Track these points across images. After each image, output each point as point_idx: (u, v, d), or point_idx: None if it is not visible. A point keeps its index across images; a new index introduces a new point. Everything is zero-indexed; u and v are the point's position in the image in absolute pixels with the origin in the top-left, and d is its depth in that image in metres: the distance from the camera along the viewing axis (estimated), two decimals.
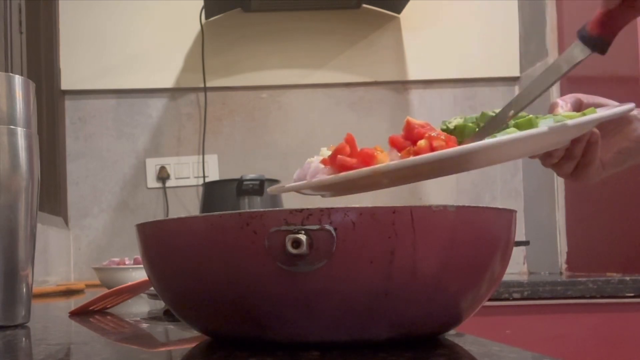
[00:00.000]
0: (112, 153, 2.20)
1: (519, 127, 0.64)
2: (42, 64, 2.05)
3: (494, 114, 0.67)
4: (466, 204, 0.50)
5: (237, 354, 0.46)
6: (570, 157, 0.76)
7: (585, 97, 0.76)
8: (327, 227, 0.44)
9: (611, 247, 1.81)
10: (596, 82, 1.83)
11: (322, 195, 0.75)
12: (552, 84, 0.67)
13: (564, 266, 2.01)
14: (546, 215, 2.07)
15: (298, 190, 0.70)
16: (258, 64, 2.23)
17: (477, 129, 0.66)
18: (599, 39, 0.65)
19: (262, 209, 0.45)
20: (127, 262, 1.56)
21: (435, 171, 0.65)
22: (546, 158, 0.77)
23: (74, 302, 1.21)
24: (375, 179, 0.61)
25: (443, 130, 0.67)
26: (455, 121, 0.68)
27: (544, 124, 0.63)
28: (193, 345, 0.55)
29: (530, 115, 0.65)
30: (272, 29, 2.23)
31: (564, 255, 2.01)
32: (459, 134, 0.66)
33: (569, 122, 0.63)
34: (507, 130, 0.63)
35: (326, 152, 0.68)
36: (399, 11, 2.22)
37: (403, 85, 2.26)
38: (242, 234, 0.45)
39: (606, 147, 0.78)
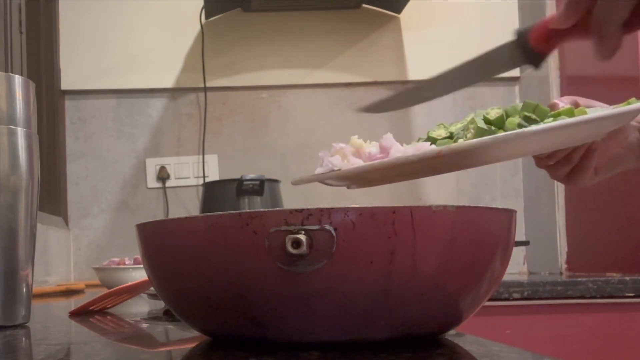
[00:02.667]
0: (112, 153, 2.20)
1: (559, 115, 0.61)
2: (42, 64, 2.05)
3: (536, 104, 0.64)
4: (466, 204, 0.50)
5: (237, 354, 0.46)
6: (568, 161, 0.76)
7: (582, 100, 0.75)
8: (327, 227, 0.44)
9: (611, 247, 1.81)
10: (596, 82, 1.83)
11: (348, 187, 0.73)
12: (474, 84, 0.63)
13: (564, 266, 2.01)
14: (546, 215, 2.07)
15: (322, 180, 0.67)
16: (258, 64, 2.23)
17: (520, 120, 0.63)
18: (538, 54, 0.60)
19: (262, 209, 0.45)
20: (127, 262, 1.56)
21: (474, 160, 0.62)
22: (543, 159, 0.77)
23: (74, 302, 1.21)
24: (402, 169, 0.59)
25: (479, 129, 0.64)
26: (493, 112, 0.65)
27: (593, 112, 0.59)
28: (193, 345, 0.55)
29: (570, 106, 0.62)
30: (272, 29, 2.23)
31: (564, 255, 2.01)
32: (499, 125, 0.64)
33: (620, 109, 0.58)
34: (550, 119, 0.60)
35: (357, 141, 0.66)
36: (399, 11, 2.22)
37: (403, 85, 2.26)
38: (242, 234, 0.45)
39: (600, 153, 0.78)
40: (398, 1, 2.16)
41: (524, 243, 1.78)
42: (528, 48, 0.60)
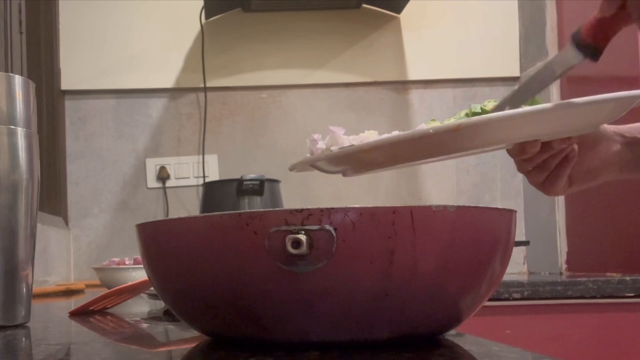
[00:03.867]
0: (112, 153, 2.20)
1: None
2: (42, 64, 2.05)
3: (535, 97, 0.67)
4: (466, 204, 0.50)
5: (237, 354, 0.46)
6: (544, 167, 0.77)
7: None
8: (327, 227, 0.44)
9: (611, 247, 1.81)
10: (596, 82, 1.83)
11: (344, 174, 0.75)
12: (546, 87, 0.66)
13: (564, 266, 2.01)
14: (546, 215, 2.07)
15: (314, 163, 0.70)
16: (258, 64, 2.23)
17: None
18: (592, 46, 0.64)
19: (262, 209, 0.45)
20: (127, 262, 1.56)
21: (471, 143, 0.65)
22: (523, 164, 0.78)
23: (74, 302, 1.21)
24: (412, 147, 0.62)
25: (475, 113, 0.66)
26: (490, 104, 0.68)
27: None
28: (193, 345, 0.55)
29: None
30: (272, 29, 2.23)
31: (564, 255, 2.01)
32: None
33: (619, 93, 0.62)
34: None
35: (373, 133, 0.67)
36: (399, 11, 2.22)
37: (403, 85, 2.26)
38: (242, 234, 0.45)
39: (577, 163, 0.79)
40: (398, 1, 2.16)
41: (524, 243, 1.78)
42: (583, 44, 0.64)
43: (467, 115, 0.67)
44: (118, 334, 0.69)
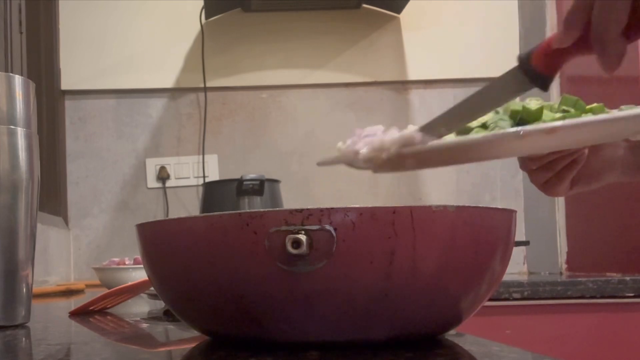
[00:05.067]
0: (112, 153, 2.20)
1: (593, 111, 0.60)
2: (42, 64, 2.05)
3: (576, 99, 0.63)
4: (466, 204, 0.50)
5: (237, 354, 0.46)
6: (550, 168, 0.76)
7: None
8: (327, 227, 0.44)
9: (611, 247, 1.81)
10: (596, 82, 1.83)
11: (374, 170, 0.70)
12: (488, 112, 0.60)
13: (564, 266, 2.01)
14: (546, 215, 2.07)
15: (350, 163, 0.64)
16: (258, 64, 2.23)
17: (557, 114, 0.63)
18: (543, 76, 0.58)
19: (262, 209, 0.45)
20: (127, 262, 1.56)
21: (515, 150, 0.61)
22: (527, 163, 0.77)
23: (74, 302, 1.21)
24: (468, 150, 0.57)
25: (514, 112, 0.62)
26: (533, 102, 0.64)
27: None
28: (193, 345, 0.55)
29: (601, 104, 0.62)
30: (272, 29, 2.23)
31: (564, 255, 2.01)
32: (537, 116, 0.62)
33: None
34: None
35: (412, 127, 0.63)
36: (399, 11, 2.22)
37: (403, 85, 2.26)
38: (242, 234, 0.45)
39: (582, 166, 0.78)
40: (398, 1, 2.16)
41: (524, 243, 1.78)
42: (532, 71, 0.58)
43: (505, 111, 0.63)
44: (118, 334, 0.69)
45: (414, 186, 2.24)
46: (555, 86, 2.01)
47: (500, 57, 2.25)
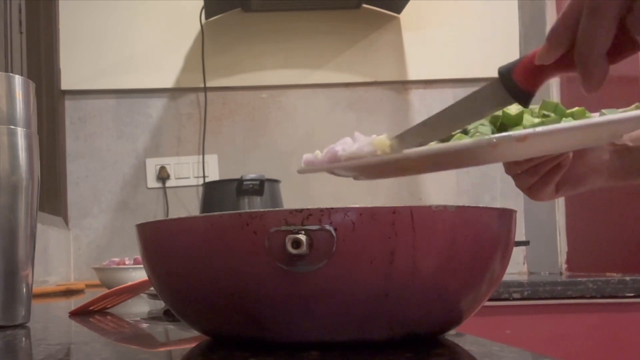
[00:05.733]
0: (112, 153, 2.20)
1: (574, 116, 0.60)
2: (42, 64, 2.05)
3: (556, 103, 0.63)
4: (466, 204, 0.50)
5: (237, 354, 0.46)
6: (534, 172, 0.76)
7: None
8: (327, 227, 0.44)
9: (611, 247, 1.81)
10: None
11: (355, 178, 0.71)
12: (467, 124, 0.60)
13: (564, 266, 2.01)
14: (546, 215, 2.07)
15: (330, 170, 0.65)
16: (258, 64, 2.23)
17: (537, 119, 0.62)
18: (525, 92, 0.57)
19: (262, 209, 0.45)
20: (127, 262, 1.56)
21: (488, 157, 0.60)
22: (512, 167, 0.77)
23: (74, 302, 1.21)
24: (441, 158, 0.57)
25: (494, 117, 0.62)
26: (514, 107, 0.62)
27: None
28: (193, 345, 0.55)
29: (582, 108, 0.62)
30: (272, 29, 2.23)
31: (564, 255, 2.01)
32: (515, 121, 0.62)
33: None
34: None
35: (383, 140, 0.63)
36: (399, 11, 2.22)
37: (403, 85, 2.26)
38: (242, 234, 0.45)
39: (567, 170, 0.78)
40: (398, 1, 2.16)
41: (524, 243, 1.78)
42: (513, 86, 0.56)
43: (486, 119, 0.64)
44: (118, 334, 0.69)
45: (414, 186, 2.24)
46: (555, 86, 2.01)
47: (500, 57, 2.24)
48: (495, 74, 0.57)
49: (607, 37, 0.51)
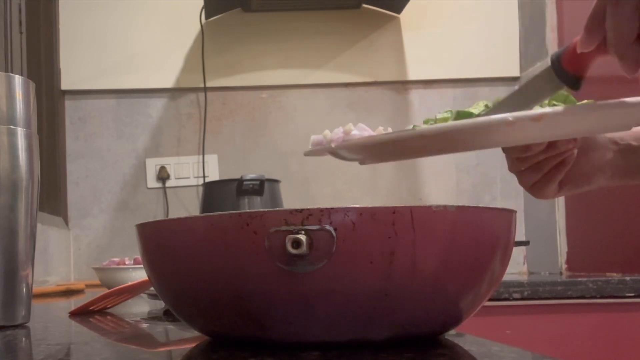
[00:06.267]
0: (112, 153, 2.20)
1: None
2: (42, 64, 2.05)
3: (567, 94, 0.64)
4: (466, 204, 0.50)
5: (237, 354, 0.46)
6: (538, 169, 0.76)
7: None
8: (327, 227, 0.44)
9: (611, 247, 1.81)
10: (596, 81, 1.82)
11: (361, 162, 0.72)
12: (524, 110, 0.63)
13: (564, 266, 2.01)
14: (546, 215, 2.07)
15: (335, 151, 0.66)
16: (258, 64, 2.23)
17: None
18: (574, 76, 0.61)
19: (262, 209, 0.45)
20: (127, 262, 1.56)
21: (482, 141, 0.62)
22: (515, 164, 0.77)
23: (74, 302, 1.21)
24: (422, 142, 0.59)
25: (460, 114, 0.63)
26: (441, 116, 0.66)
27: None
28: (193, 345, 0.55)
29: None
30: (272, 29, 2.23)
31: (564, 255, 2.01)
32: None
33: None
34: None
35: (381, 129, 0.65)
36: (399, 11, 2.22)
37: (403, 85, 2.26)
38: (242, 234, 0.45)
39: (568, 169, 0.78)
40: (398, 1, 2.16)
41: (524, 243, 1.78)
42: (563, 72, 0.60)
43: (433, 121, 0.65)
44: (118, 334, 0.69)
45: (414, 186, 2.24)
46: None
47: (500, 57, 2.25)
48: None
49: (631, 26, 0.55)
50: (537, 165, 0.76)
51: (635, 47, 0.55)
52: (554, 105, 0.63)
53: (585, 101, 0.63)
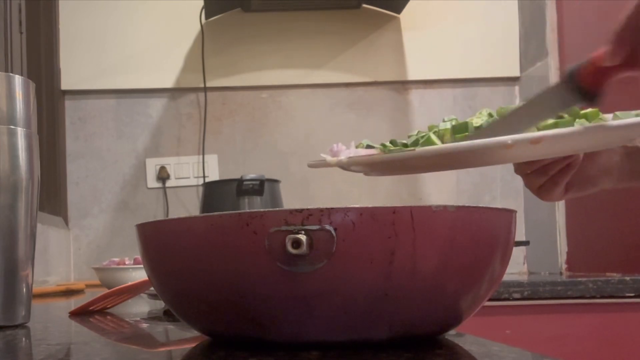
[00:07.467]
0: (112, 153, 2.20)
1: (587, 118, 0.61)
2: (42, 64, 2.05)
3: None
4: (466, 204, 0.50)
5: (237, 354, 0.46)
6: (544, 173, 0.76)
7: None
8: (327, 227, 0.44)
9: (611, 247, 1.81)
10: None
11: (366, 173, 0.72)
12: (539, 123, 0.61)
13: (564, 266, 2.01)
14: (546, 215, 2.07)
15: (341, 164, 0.66)
16: (258, 64, 2.23)
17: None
18: (592, 92, 0.60)
19: (262, 209, 0.45)
20: (127, 262, 1.56)
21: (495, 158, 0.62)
22: (522, 167, 0.77)
23: (74, 302, 1.21)
24: (454, 157, 0.59)
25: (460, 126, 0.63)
26: (444, 126, 0.65)
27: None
28: (193, 345, 0.55)
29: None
30: (272, 29, 2.23)
31: (564, 255, 2.01)
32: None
33: None
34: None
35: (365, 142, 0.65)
36: (399, 11, 2.22)
37: (403, 85, 2.26)
38: (242, 234, 0.45)
39: (575, 172, 0.78)
40: (398, 1, 2.16)
41: (524, 243, 1.78)
42: (579, 87, 0.59)
43: (436, 128, 0.65)
44: (118, 334, 0.69)
45: (414, 186, 2.24)
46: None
47: (500, 57, 2.25)
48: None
49: None
50: (543, 169, 0.76)
51: None
52: (559, 116, 0.63)
53: (589, 110, 0.63)
